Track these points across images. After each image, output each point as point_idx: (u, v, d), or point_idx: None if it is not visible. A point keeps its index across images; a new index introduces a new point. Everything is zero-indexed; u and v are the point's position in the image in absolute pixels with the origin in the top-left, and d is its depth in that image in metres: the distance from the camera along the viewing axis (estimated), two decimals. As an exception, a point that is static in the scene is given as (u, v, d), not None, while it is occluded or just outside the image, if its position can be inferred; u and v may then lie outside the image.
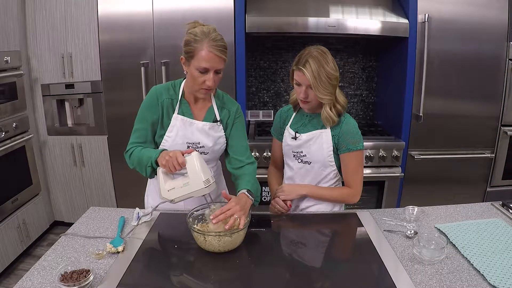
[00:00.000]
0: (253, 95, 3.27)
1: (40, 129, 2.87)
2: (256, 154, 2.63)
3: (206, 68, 1.36)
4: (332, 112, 1.49)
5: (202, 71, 1.37)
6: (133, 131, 1.53)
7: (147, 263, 1.23)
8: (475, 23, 2.56)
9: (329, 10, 2.60)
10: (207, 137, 1.53)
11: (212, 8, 2.53)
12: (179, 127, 1.51)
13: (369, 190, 2.75)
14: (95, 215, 1.55)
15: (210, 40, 1.35)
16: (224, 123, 1.57)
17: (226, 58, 1.40)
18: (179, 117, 1.50)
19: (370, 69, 3.23)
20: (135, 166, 1.48)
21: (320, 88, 1.43)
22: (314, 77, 1.41)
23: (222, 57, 1.37)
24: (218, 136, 1.56)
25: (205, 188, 1.30)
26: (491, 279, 1.10)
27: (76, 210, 3.01)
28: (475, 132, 2.76)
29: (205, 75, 1.38)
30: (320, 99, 1.46)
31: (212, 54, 1.34)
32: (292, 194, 1.58)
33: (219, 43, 1.36)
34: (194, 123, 1.52)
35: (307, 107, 1.55)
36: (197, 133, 1.52)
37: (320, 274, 1.20)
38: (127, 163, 1.53)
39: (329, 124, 1.52)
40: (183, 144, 1.51)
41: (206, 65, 1.35)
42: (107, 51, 2.63)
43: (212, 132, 1.54)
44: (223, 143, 1.58)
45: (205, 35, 1.35)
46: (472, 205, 1.65)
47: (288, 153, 1.65)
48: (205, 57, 1.34)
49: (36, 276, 1.14)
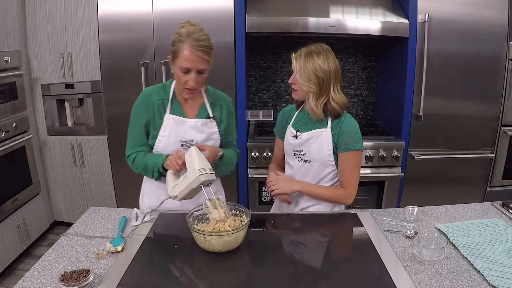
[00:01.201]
0: (253, 95, 3.27)
1: (40, 129, 2.87)
2: (256, 154, 2.63)
3: (188, 68, 1.38)
4: (317, 106, 1.51)
5: (185, 71, 1.39)
6: (129, 134, 1.56)
7: (147, 263, 1.23)
8: (475, 23, 2.56)
9: (329, 10, 2.60)
10: (200, 133, 1.55)
11: (212, 8, 2.53)
12: (172, 126, 1.52)
13: (369, 190, 2.75)
14: (95, 215, 1.55)
15: (192, 40, 1.36)
16: (218, 119, 1.59)
17: (210, 58, 1.41)
18: (171, 116, 1.52)
19: (370, 69, 3.23)
20: (141, 171, 1.53)
21: (302, 75, 1.48)
22: (299, 63, 1.48)
23: (203, 58, 1.38)
24: (212, 132, 1.57)
25: (200, 176, 1.32)
26: (491, 279, 1.10)
27: (76, 210, 3.01)
28: (475, 132, 2.76)
29: (187, 75, 1.40)
30: (301, 84, 1.50)
31: (193, 55, 1.36)
32: (285, 188, 1.58)
33: (201, 43, 1.37)
34: (187, 121, 1.53)
35: (295, 96, 1.59)
36: (190, 130, 1.54)
37: (320, 274, 1.20)
38: (131, 168, 1.56)
39: (315, 117, 1.53)
40: (176, 143, 1.53)
41: (187, 65, 1.37)
42: (107, 51, 2.63)
43: (206, 128, 1.56)
44: (217, 139, 1.59)
45: (188, 35, 1.37)
46: (472, 205, 1.65)
47: (289, 152, 1.66)
48: (186, 57, 1.36)
49: (36, 276, 1.14)
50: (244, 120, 2.69)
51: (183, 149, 1.51)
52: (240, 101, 2.65)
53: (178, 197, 1.41)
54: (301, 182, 1.60)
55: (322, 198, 1.60)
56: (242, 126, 2.69)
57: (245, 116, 2.72)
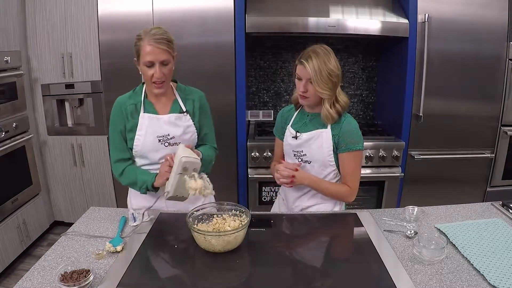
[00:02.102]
0: (253, 95, 3.27)
1: (40, 129, 2.87)
2: (256, 154, 2.63)
3: (151, 61, 1.46)
4: (332, 110, 1.51)
5: (148, 65, 1.47)
6: (110, 142, 1.62)
7: (147, 263, 1.24)
8: (475, 23, 2.56)
9: (329, 10, 2.60)
10: (175, 127, 1.59)
11: (212, 8, 2.53)
12: (147, 124, 1.56)
13: (369, 190, 2.75)
14: (95, 215, 1.56)
15: (150, 35, 1.45)
16: (191, 113, 1.63)
17: (170, 50, 1.48)
18: (145, 115, 1.57)
19: (370, 69, 3.23)
20: (127, 184, 1.60)
21: (320, 83, 1.45)
22: (315, 70, 1.44)
23: (162, 48, 1.45)
24: (187, 125, 1.61)
25: (181, 158, 1.38)
26: (491, 279, 1.11)
27: (76, 210, 3.00)
28: (475, 132, 2.76)
29: (152, 69, 1.47)
30: (319, 93, 1.47)
31: (153, 47, 1.44)
32: (297, 181, 1.56)
33: (157, 36, 1.45)
34: (161, 117, 1.58)
35: (306, 103, 1.56)
36: (165, 126, 1.58)
37: (320, 274, 1.20)
38: (116, 178, 1.62)
39: (328, 121, 1.53)
40: (154, 139, 1.56)
41: (149, 58, 1.45)
42: (107, 51, 2.63)
43: (180, 122, 1.60)
44: (193, 132, 1.63)
45: (145, 33, 1.47)
46: (472, 205, 1.65)
47: (289, 152, 1.66)
48: (147, 51, 1.44)
49: (36, 276, 1.14)
50: (244, 120, 2.69)
51: (160, 144, 1.57)
52: (240, 101, 2.65)
53: (170, 192, 1.43)
54: (309, 176, 1.58)
55: (325, 193, 1.60)
56: (242, 126, 2.69)
57: (245, 116, 2.72)
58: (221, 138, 1.82)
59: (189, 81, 1.76)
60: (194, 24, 2.52)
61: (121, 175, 1.59)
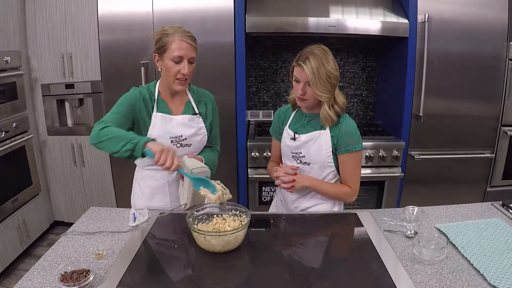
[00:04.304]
0: (253, 95, 3.27)
1: (40, 129, 2.87)
2: (256, 154, 2.63)
3: (181, 57, 1.46)
4: (331, 111, 1.50)
5: (177, 60, 1.46)
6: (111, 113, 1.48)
7: (147, 263, 1.23)
8: (475, 23, 2.56)
9: (329, 10, 2.60)
10: (189, 128, 1.59)
11: (212, 8, 2.53)
12: (160, 124, 1.56)
13: (369, 190, 2.75)
14: (95, 215, 1.55)
15: (180, 32, 1.47)
16: (204, 115, 1.64)
17: (197, 48, 1.50)
18: (158, 114, 1.56)
19: (370, 69, 3.23)
20: (106, 140, 1.32)
21: (318, 85, 1.43)
22: (313, 73, 1.42)
23: (194, 46, 1.49)
24: (199, 127, 1.62)
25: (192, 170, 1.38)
26: (491, 279, 1.10)
27: (76, 210, 3.00)
28: (475, 132, 2.76)
29: (180, 65, 1.47)
30: (318, 96, 1.46)
31: (185, 43, 1.46)
32: (298, 185, 1.54)
33: (189, 34, 1.49)
34: (174, 118, 1.57)
35: (304, 105, 1.55)
36: (177, 126, 1.57)
37: (320, 274, 1.20)
38: (93, 136, 1.36)
39: (328, 123, 1.52)
40: (167, 140, 1.55)
41: (180, 53, 1.45)
42: (107, 51, 2.63)
43: (193, 123, 1.60)
44: (204, 134, 1.64)
45: (175, 30, 1.47)
46: (472, 205, 1.65)
47: (287, 154, 1.65)
48: (178, 46, 1.45)
49: (36, 276, 1.14)
50: (244, 120, 2.69)
51: (173, 144, 1.56)
52: (240, 101, 2.65)
53: (187, 204, 1.46)
54: (309, 179, 1.57)
55: (326, 194, 1.59)
56: (242, 126, 2.69)
57: (245, 116, 2.72)
58: (221, 138, 1.82)
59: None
60: (194, 24, 2.52)
61: (101, 130, 1.34)
